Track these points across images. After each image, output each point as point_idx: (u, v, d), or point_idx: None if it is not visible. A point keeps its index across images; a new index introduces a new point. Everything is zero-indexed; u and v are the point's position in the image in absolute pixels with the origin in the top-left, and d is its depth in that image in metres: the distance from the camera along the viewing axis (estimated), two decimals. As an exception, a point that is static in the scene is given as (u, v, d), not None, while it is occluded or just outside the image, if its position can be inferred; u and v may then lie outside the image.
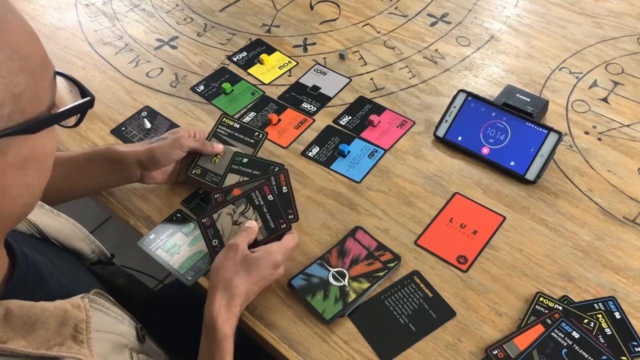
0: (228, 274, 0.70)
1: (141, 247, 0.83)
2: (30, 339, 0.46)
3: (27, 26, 0.43)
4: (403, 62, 1.12)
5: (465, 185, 0.89)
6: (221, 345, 0.66)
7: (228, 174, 0.87)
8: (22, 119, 0.41)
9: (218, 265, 0.71)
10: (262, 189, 0.79)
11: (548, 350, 0.68)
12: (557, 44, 1.12)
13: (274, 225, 0.77)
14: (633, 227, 0.82)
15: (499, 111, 0.92)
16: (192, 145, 0.84)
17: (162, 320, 0.86)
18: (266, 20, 1.25)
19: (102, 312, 0.59)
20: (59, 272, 0.60)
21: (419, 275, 0.78)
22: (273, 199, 0.79)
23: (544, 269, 0.78)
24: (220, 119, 0.94)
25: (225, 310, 0.68)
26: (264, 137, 0.93)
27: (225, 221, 0.78)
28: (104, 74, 1.14)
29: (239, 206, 0.79)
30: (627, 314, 0.72)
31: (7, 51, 0.39)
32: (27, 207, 0.46)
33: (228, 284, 0.69)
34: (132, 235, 0.88)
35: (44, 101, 0.43)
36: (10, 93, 0.39)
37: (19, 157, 0.42)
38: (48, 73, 0.44)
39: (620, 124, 0.97)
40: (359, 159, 0.94)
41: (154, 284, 1.49)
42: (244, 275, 0.70)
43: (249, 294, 0.71)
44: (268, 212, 0.78)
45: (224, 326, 0.67)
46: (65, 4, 1.33)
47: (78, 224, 0.73)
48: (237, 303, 0.69)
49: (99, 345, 0.52)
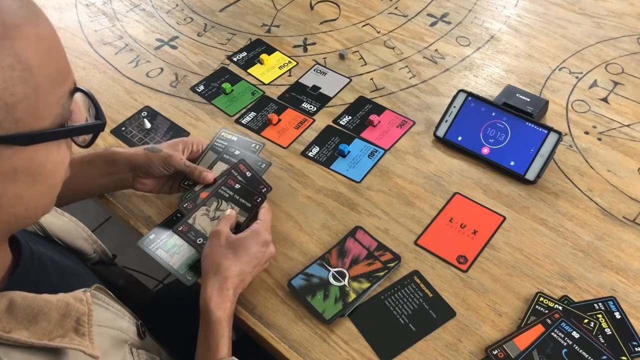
0: (216, 258, 0.72)
1: (141, 247, 0.83)
2: (33, 330, 0.46)
3: (48, 40, 0.43)
4: (403, 62, 1.12)
5: (465, 185, 0.89)
6: (215, 329, 0.67)
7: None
8: (15, 130, 0.41)
9: (206, 254, 0.74)
10: (227, 183, 0.83)
11: (548, 350, 0.68)
12: (557, 44, 1.12)
13: (250, 204, 0.81)
14: (633, 227, 0.82)
15: (499, 111, 0.92)
16: (180, 169, 0.82)
17: (163, 320, 0.86)
18: (266, 20, 1.25)
19: (103, 307, 0.59)
20: (62, 268, 0.60)
21: (419, 275, 0.78)
22: (240, 186, 0.83)
23: (544, 269, 0.78)
24: (220, 132, 0.93)
25: (217, 294, 0.69)
26: (261, 147, 0.92)
27: (203, 221, 0.81)
28: (104, 74, 1.14)
29: (211, 204, 0.82)
30: (627, 314, 0.72)
31: (10, 60, 0.40)
32: (18, 217, 0.46)
33: (218, 268, 0.71)
34: (132, 236, 0.88)
35: (46, 116, 0.43)
36: (3, 101, 0.40)
37: (9, 166, 0.42)
38: (60, 88, 0.44)
39: (620, 124, 0.97)
40: (359, 159, 0.94)
41: (153, 284, 1.50)
42: (232, 257, 0.71)
43: (242, 275, 0.72)
44: (240, 197, 0.82)
45: (217, 310, 0.68)
46: (65, 4, 1.33)
47: (81, 223, 0.73)
48: (230, 286, 0.70)
49: (99, 340, 0.52)
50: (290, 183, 0.91)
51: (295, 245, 0.82)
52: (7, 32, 0.40)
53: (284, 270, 0.80)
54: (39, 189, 0.46)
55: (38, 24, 0.42)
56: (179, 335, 0.80)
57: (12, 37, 0.40)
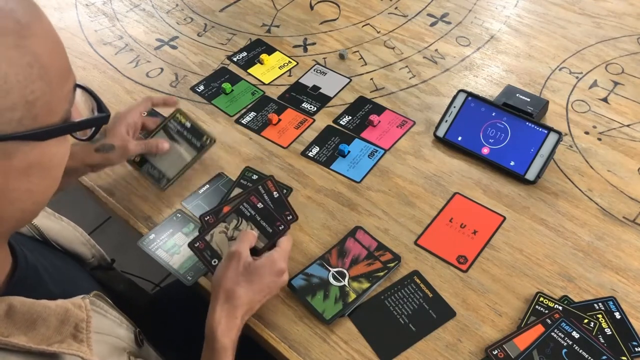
0: (229, 284, 0.68)
1: (141, 247, 0.83)
2: (32, 335, 0.46)
3: (53, 36, 0.44)
4: (403, 62, 1.12)
5: (465, 185, 0.89)
6: (219, 356, 0.65)
7: (159, 132, 0.91)
8: (33, 126, 0.41)
9: (220, 275, 0.69)
10: (249, 200, 0.77)
11: (548, 350, 0.68)
12: (557, 44, 1.12)
13: (271, 230, 0.76)
14: (633, 227, 0.82)
15: (499, 111, 0.92)
16: (137, 151, 0.85)
17: (160, 324, 0.85)
18: (266, 20, 1.25)
19: (101, 314, 0.59)
20: (59, 275, 0.60)
21: (419, 275, 0.78)
22: (263, 206, 0.77)
23: (544, 269, 0.78)
24: (174, 113, 0.93)
25: (225, 322, 0.66)
26: (211, 143, 0.92)
27: (220, 239, 0.76)
28: (104, 74, 1.14)
29: (231, 222, 0.76)
30: (627, 314, 0.72)
31: (28, 57, 0.40)
32: (25, 212, 0.46)
33: (230, 295, 0.67)
34: (132, 236, 0.88)
35: (58, 111, 0.44)
36: (24, 99, 0.40)
37: (24, 162, 0.42)
38: (67, 84, 0.45)
39: (620, 124, 0.97)
40: (359, 159, 0.94)
41: (151, 287, 1.49)
42: (246, 285, 0.68)
43: (252, 303, 0.69)
44: (262, 219, 0.76)
45: (224, 338, 0.65)
46: (65, 4, 1.33)
47: (79, 228, 0.73)
48: (239, 314, 0.67)
49: (97, 347, 0.52)
50: (290, 183, 0.91)
51: (295, 245, 0.82)
52: (22, 30, 0.40)
53: (284, 270, 0.80)
54: (47, 183, 0.46)
55: (43, 22, 0.43)
56: (177, 339, 0.80)
57: (26, 35, 0.40)
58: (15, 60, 0.39)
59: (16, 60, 0.39)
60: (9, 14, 0.40)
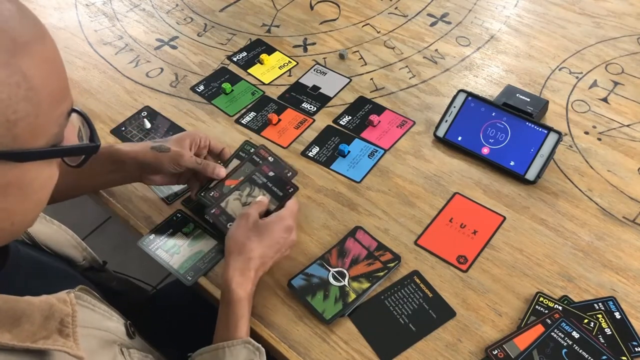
0: (241, 239, 0.73)
1: (141, 247, 0.83)
2: (16, 332, 0.46)
3: (52, 60, 0.43)
4: (403, 62, 1.12)
5: (465, 185, 0.89)
6: (235, 308, 0.68)
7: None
8: (12, 146, 0.41)
9: (231, 234, 0.74)
10: (261, 169, 0.85)
11: (548, 350, 0.68)
12: (557, 44, 1.12)
13: (282, 193, 0.83)
14: (633, 227, 0.82)
15: (499, 111, 0.92)
16: (192, 167, 0.81)
17: (158, 321, 0.85)
18: (266, 20, 1.25)
19: (89, 308, 0.59)
20: (45, 272, 0.60)
21: (419, 275, 0.78)
22: (274, 174, 0.84)
23: (544, 269, 0.78)
24: (243, 144, 0.93)
25: (239, 274, 0.70)
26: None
27: (235, 205, 0.82)
28: (104, 74, 1.14)
29: (244, 190, 0.83)
30: (627, 314, 0.72)
31: (17, 77, 0.40)
32: (4, 231, 0.46)
33: (242, 248, 0.72)
34: (132, 236, 0.88)
35: (44, 134, 0.43)
36: (5, 117, 0.40)
37: (2, 181, 0.42)
38: (59, 108, 0.45)
39: (620, 124, 0.97)
40: (359, 159, 0.94)
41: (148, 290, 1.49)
42: (257, 239, 0.73)
43: (264, 258, 0.73)
44: (273, 184, 0.83)
45: (238, 289, 0.69)
46: (65, 4, 1.33)
47: (70, 230, 0.73)
48: (252, 267, 0.71)
49: (85, 341, 0.52)
50: (290, 183, 0.91)
51: (295, 245, 0.82)
52: (17, 49, 0.40)
53: (284, 270, 0.80)
54: (28, 205, 0.46)
55: (45, 44, 0.43)
56: (174, 337, 0.80)
57: (20, 55, 0.40)
58: (3, 77, 0.39)
59: (3, 78, 0.39)
60: (6, 31, 0.40)
